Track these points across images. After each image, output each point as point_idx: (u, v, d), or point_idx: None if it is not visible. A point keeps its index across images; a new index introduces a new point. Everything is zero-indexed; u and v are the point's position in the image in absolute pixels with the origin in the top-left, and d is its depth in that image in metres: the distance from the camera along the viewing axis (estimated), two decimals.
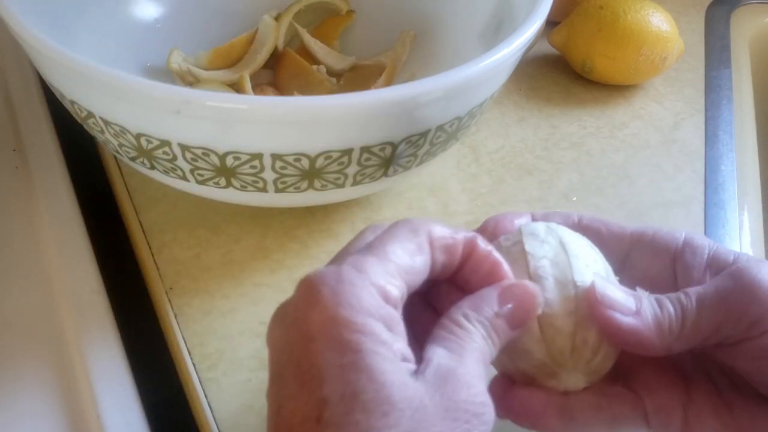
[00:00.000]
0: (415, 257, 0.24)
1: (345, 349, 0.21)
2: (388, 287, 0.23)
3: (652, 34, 0.51)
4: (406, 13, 0.51)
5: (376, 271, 0.23)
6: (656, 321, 0.26)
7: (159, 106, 0.31)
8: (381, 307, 0.22)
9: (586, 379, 0.27)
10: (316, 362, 0.21)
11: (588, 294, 0.26)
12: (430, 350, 0.23)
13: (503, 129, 0.51)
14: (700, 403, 0.27)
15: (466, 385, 0.22)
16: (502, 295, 0.25)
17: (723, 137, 0.51)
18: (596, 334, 0.26)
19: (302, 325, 0.22)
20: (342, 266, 0.22)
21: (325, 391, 0.21)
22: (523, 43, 0.35)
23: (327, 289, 0.22)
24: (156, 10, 0.50)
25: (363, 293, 0.22)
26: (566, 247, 0.27)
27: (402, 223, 0.25)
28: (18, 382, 0.33)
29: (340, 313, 0.21)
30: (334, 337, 0.21)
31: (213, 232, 0.41)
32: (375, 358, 0.21)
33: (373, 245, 0.24)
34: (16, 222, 0.41)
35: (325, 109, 0.31)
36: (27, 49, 0.34)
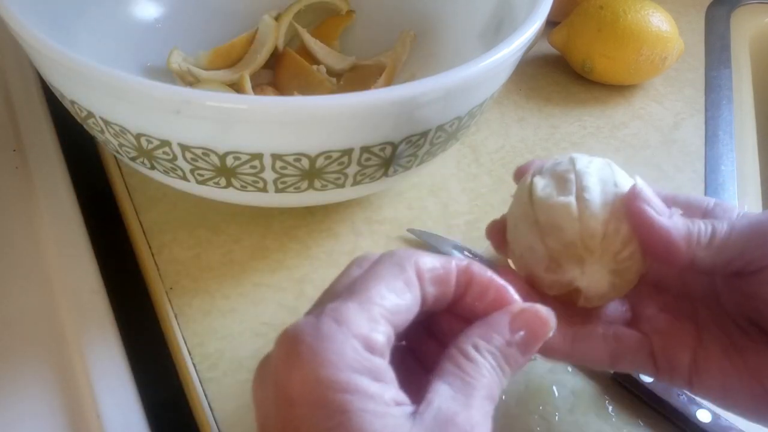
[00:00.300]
0: (403, 295, 0.23)
1: (331, 412, 0.20)
2: (372, 335, 0.21)
3: (652, 34, 0.51)
4: (406, 13, 0.51)
5: (358, 319, 0.21)
6: (686, 228, 0.27)
7: (159, 106, 0.31)
8: (365, 359, 0.21)
9: (609, 278, 0.27)
10: (302, 428, 0.20)
11: (629, 190, 0.27)
12: (433, 388, 0.22)
13: (503, 129, 0.51)
14: (710, 346, 0.27)
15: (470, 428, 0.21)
16: (514, 322, 0.24)
17: (723, 137, 0.51)
18: (628, 229, 0.27)
19: (283, 388, 0.20)
20: (321, 318, 0.21)
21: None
22: (523, 43, 0.35)
23: (305, 347, 0.20)
24: (156, 10, 0.50)
25: (345, 348, 0.20)
26: (611, 164, 0.29)
27: (386, 259, 0.23)
28: (18, 382, 0.33)
29: (322, 374, 0.20)
30: (318, 399, 0.20)
31: (213, 232, 0.41)
32: (364, 417, 0.20)
33: (355, 288, 0.22)
34: (16, 222, 0.41)
35: (325, 109, 0.31)
36: (27, 49, 0.34)
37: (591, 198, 0.27)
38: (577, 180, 0.27)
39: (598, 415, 0.33)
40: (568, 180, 0.28)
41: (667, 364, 0.28)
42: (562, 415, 0.33)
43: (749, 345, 0.27)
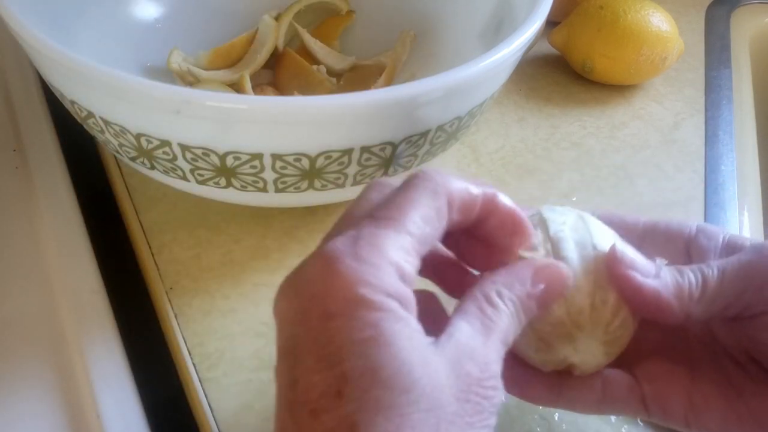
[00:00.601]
0: (433, 225, 0.23)
1: (365, 326, 0.21)
2: (405, 266, 0.22)
3: (652, 34, 0.51)
4: (406, 13, 0.51)
5: (394, 248, 0.22)
6: (676, 284, 0.26)
7: (159, 106, 0.31)
8: (398, 286, 0.22)
9: (603, 350, 0.26)
10: (336, 338, 0.21)
11: (608, 254, 0.26)
12: (455, 324, 0.23)
13: (503, 129, 0.51)
14: (706, 388, 0.27)
15: (482, 368, 0.22)
16: (536, 275, 0.25)
17: (723, 137, 0.51)
18: (615, 297, 0.26)
19: (321, 302, 0.21)
20: (359, 243, 0.22)
21: (345, 367, 0.20)
22: (523, 43, 0.35)
23: (345, 267, 0.21)
24: (156, 10, 0.50)
25: (381, 273, 0.21)
26: (584, 218, 0.27)
27: (421, 183, 0.24)
28: (18, 382, 0.33)
29: (360, 292, 0.21)
30: (354, 314, 0.21)
31: (213, 232, 0.41)
32: (395, 335, 0.21)
33: (390, 213, 0.23)
34: (16, 222, 0.41)
35: (325, 109, 0.31)
36: (27, 49, 0.34)
37: (570, 259, 0.26)
38: (554, 250, 0.26)
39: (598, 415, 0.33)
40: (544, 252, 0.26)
41: (660, 410, 0.27)
42: (562, 415, 0.33)
43: (749, 386, 0.26)
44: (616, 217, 0.29)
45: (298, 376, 0.21)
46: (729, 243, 0.28)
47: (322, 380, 0.20)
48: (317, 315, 0.21)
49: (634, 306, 0.26)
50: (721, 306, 0.26)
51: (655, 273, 0.26)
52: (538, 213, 0.28)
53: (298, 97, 0.32)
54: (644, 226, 0.29)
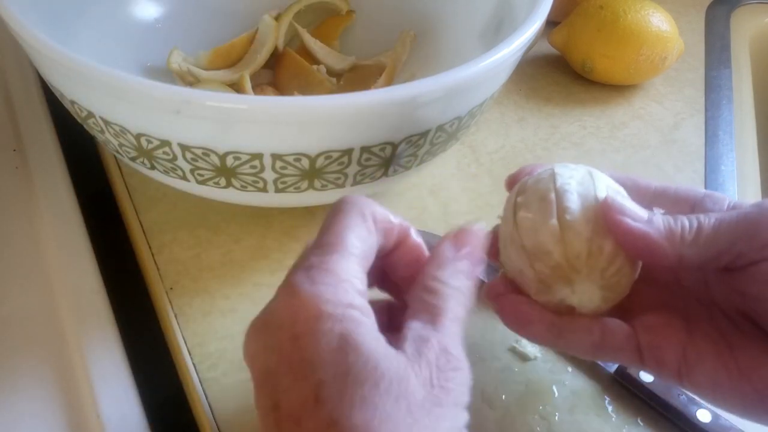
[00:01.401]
0: (367, 242, 0.26)
1: (331, 336, 0.22)
2: (355, 282, 0.24)
3: (652, 34, 0.51)
4: (406, 13, 0.51)
5: (342, 268, 0.24)
6: (668, 228, 0.27)
7: (159, 106, 0.31)
8: (354, 298, 0.24)
9: (600, 294, 0.27)
10: (307, 353, 0.22)
11: (602, 202, 0.27)
12: (406, 326, 0.25)
13: (503, 129, 0.51)
14: (700, 342, 0.27)
15: (444, 352, 0.24)
16: (455, 242, 0.27)
17: (723, 137, 0.51)
18: (612, 244, 0.27)
19: (289, 328, 0.23)
20: (311, 271, 0.24)
21: (319, 375, 0.22)
22: (523, 43, 0.35)
23: (305, 292, 0.23)
24: (156, 10, 0.50)
25: (337, 290, 0.23)
26: (593, 174, 0.29)
27: (349, 207, 0.26)
28: (18, 382, 0.33)
29: (322, 308, 0.23)
30: (319, 328, 0.23)
31: (213, 232, 0.41)
32: (360, 337, 0.23)
33: (330, 238, 0.25)
34: (16, 222, 0.41)
35: (325, 109, 0.31)
36: (27, 49, 0.34)
37: (572, 218, 0.27)
38: (558, 200, 0.27)
39: (598, 414, 0.33)
40: (549, 200, 0.28)
41: (654, 361, 0.28)
42: (562, 415, 0.33)
43: (740, 342, 0.27)
44: (630, 180, 0.30)
45: (279, 399, 0.23)
46: (734, 207, 0.28)
47: (300, 392, 0.22)
48: (287, 339, 0.23)
49: (626, 249, 0.27)
50: (715, 252, 0.26)
51: (647, 219, 0.27)
52: (550, 167, 0.29)
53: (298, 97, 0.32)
54: (655, 189, 0.30)
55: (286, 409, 0.22)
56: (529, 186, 0.29)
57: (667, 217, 0.27)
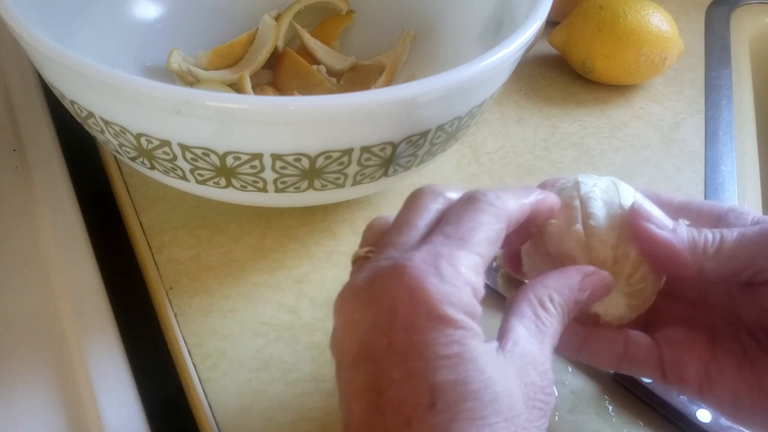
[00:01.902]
0: (495, 245, 0.25)
1: (452, 343, 0.22)
2: (477, 286, 0.24)
3: (652, 34, 0.51)
4: (406, 13, 0.51)
5: (468, 268, 0.24)
6: (692, 240, 0.27)
7: (159, 106, 0.31)
8: (474, 305, 0.23)
9: (625, 302, 0.27)
10: (425, 353, 0.22)
11: (629, 209, 0.27)
12: (513, 327, 0.24)
13: (503, 129, 0.51)
14: (723, 359, 0.27)
15: (543, 375, 0.24)
16: (584, 281, 0.26)
17: (723, 137, 0.51)
18: (637, 252, 0.27)
19: (406, 318, 0.22)
20: (440, 262, 0.23)
21: (436, 380, 0.22)
22: (523, 43, 0.35)
23: (431, 285, 0.23)
24: (156, 10, 0.50)
25: (461, 293, 0.23)
26: (617, 183, 0.29)
27: (487, 207, 0.25)
28: (18, 382, 0.33)
29: (446, 311, 0.22)
30: (440, 331, 0.22)
31: (213, 232, 0.41)
32: (477, 351, 0.22)
33: (462, 234, 0.24)
34: (16, 222, 0.41)
35: (325, 109, 0.31)
36: (27, 49, 0.34)
37: (597, 224, 0.27)
38: (582, 206, 0.28)
39: (598, 415, 0.33)
40: (574, 207, 0.28)
41: (676, 376, 0.28)
42: (562, 415, 0.33)
43: (763, 360, 0.27)
44: (652, 194, 0.31)
45: (384, 387, 0.22)
46: (759, 220, 0.28)
47: (413, 392, 0.22)
48: (402, 328, 0.22)
49: (650, 256, 0.27)
50: (737, 267, 0.27)
51: (672, 228, 0.27)
52: (574, 177, 0.29)
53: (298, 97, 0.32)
54: (679, 203, 0.30)
55: (394, 403, 0.22)
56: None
57: (692, 229, 0.27)
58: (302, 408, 0.33)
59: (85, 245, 0.40)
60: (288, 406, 0.34)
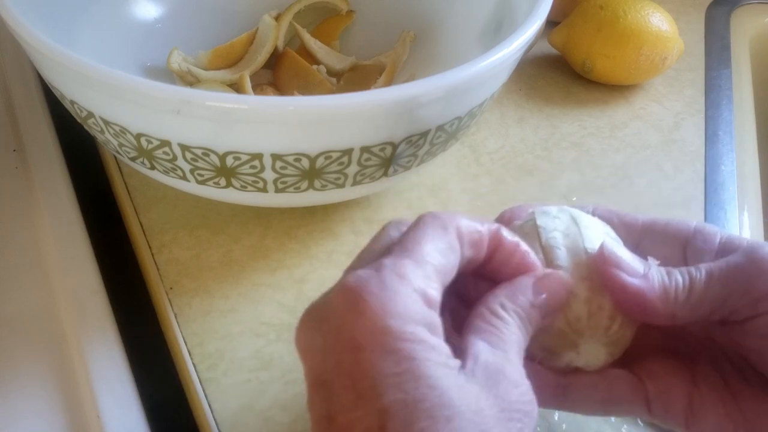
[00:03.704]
0: (448, 257, 0.24)
1: (399, 359, 0.21)
2: (429, 291, 0.23)
3: (652, 34, 0.51)
4: (406, 13, 0.51)
5: (417, 275, 0.22)
6: (662, 287, 0.26)
7: (159, 106, 0.31)
8: (425, 312, 0.22)
9: (606, 350, 0.27)
10: (370, 372, 0.21)
11: (596, 254, 0.26)
12: (472, 344, 0.23)
13: (503, 129, 0.51)
14: (705, 391, 0.27)
15: (515, 384, 0.22)
16: (537, 285, 0.25)
17: (723, 137, 0.51)
18: (611, 300, 0.26)
19: (349, 334, 0.21)
20: (383, 272, 0.22)
21: (385, 401, 0.20)
22: (523, 43, 0.35)
23: (373, 297, 0.21)
24: (156, 10, 0.50)
25: (408, 301, 0.22)
26: (577, 220, 0.28)
27: (431, 220, 0.24)
28: (18, 382, 0.33)
29: (390, 323, 0.21)
30: (385, 346, 0.21)
31: (213, 232, 0.41)
32: (429, 365, 0.21)
33: (406, 246, 0.23)
34: (16, 222, 0.41)
35: (325, 109, 0.31)
36: (27, 49, 0.34)
37: (563, 269, 0.26)
38: (546, 259, 0.26)
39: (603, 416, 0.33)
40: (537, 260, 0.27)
41: (662, 410, 0.27)
42: (561, 416, 0.33)
43: (745, 391, 0.26)
44: (615, 215, 0.29)
45: (335, 413, 0.21)
46: (725, 245, 0.27)
47: (362, 417, 0.20)
48: (347, 348, 0.21)
49: (620, 305, 0.26)
50: (708, 310, 0.26)
51: (643, 273, 0.26)
52: (531, 219, 0.28)
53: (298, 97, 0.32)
54: (643, 225, 0.29)
55: (344, 429, 0.21)
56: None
57: (662, 271, 0.26)
58: (302, 408, 0.33)
59: (85, 245, 0.40)
60: (288, 406, 0.34)
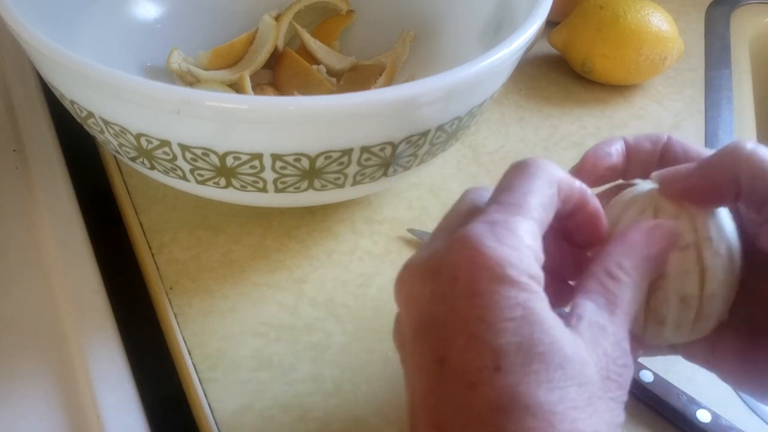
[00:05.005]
0: (549, 211, 0.24)
1: (515, 305, 0.21)
2: (537, 247, 0.23)
3: (652, 34, 0.51)
4: (406, 13, 0.51)
5: (527, 232, 0.23)
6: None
7: (159, 106, 0.31)
8: (537, 268, 0.23)
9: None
10: (487, 316, 0.21)
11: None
12: (578, 305, 0.23)
13: (503, 129, 0.51)
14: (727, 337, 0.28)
15: (616, 345, 0.23)
16: (649, 236, 0.25)
17: (723, 137, 0.51)
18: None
19: (466, 282, 0.22)
20: (496, 228, 0.23)
21: (500, 343, 0.21)
22: (523, 43, 0.35)
23: (490, 249, 0.22)
24: (156, 10, 0.50)
25: (522, 255, 0.22)
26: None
27: (536, 171, 0.25)
28: (18, 382, 0.33)
29: (508, 272, 0.22)
30: (503, 293, 0.21)
31: (213, 232, 0.41)
32: (543, 313, 0.21)
33: (514, 198, 0.24)
34: (16, 222, 0.41)
35: (325, 109, 0.31)
36: (27, 49, 0.34)
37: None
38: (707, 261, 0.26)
39: None
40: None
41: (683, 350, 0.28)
42: None
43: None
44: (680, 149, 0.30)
45: (448, 354, 0.22)
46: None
47: (477, 356, 0.21)
48: (463, 294, 0.22)
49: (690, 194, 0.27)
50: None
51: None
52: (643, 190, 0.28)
53: (298, 97, 0.32)
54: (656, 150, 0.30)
55: (458, 369, 0.21)
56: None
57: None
58: (302, 408, 0.34)
59: (85, 245, 0.40)
60: (288, 406, 0.34)
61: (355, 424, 0.33)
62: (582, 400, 0.21)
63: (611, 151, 0.30)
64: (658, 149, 0.30)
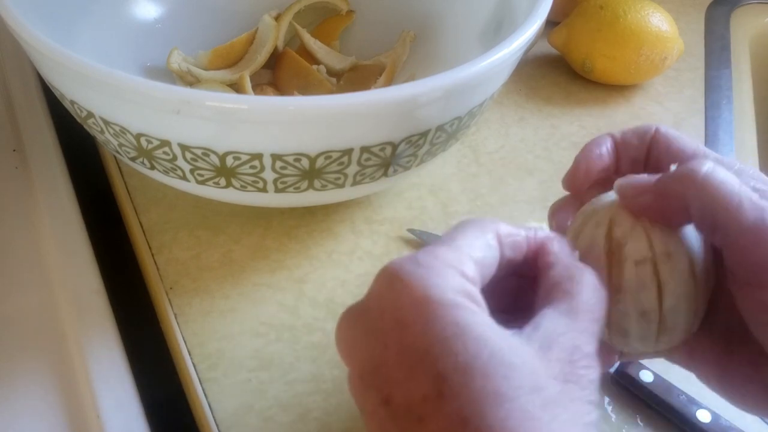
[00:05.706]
0: (484, 251, 0.24)
1: (445, 325, 0.21)
2: (465, 268, 0.22)
3: (652, 34, 0.51)
4: (406, 13, 0.51)
5: (451, 256, 0.22)
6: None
7: (159, 106, 0.31)
8: (463, 284, 0.22)
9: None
10: (419, 344, 0.21)
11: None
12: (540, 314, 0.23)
13: (503, 129, 0.51)
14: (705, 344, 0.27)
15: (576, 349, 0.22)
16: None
17: (723, 137, 0.51)
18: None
19: (393, 313, 0.21)
20: (417, 255, 0.22)
21: (438, 367, 0.20)
22: (523, 43, 0.35)
23: (410, 274, 0.22)
24: (156, 10, 0.50)
25: (446, 273, 0.22)
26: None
27: (468, 223, 0.25)
28: (18, 382, 0.33)
29: (430, 293, 0.21)
30: (429, 316, 0.21)
31: (213, 232, 0.41)
32: (476, 326, 0.21)
33: (442, 240, 0.23)
34: (16, 222, 0.41)
35: (325, 109, 0.31)
36: (27, 49, 0.34)
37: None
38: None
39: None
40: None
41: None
42: None
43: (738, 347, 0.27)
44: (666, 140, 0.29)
45: (391, 392, 0.21)
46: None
47: (418, 386, 0.20)
48: (391, 328, 0.21)
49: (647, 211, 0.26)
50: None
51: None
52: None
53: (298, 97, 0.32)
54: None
55: (402, 405, 0.21)
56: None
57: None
58: (302, 408, 0.34)
59: (85, 245, 0.40)
60: (288, 406, 0.34)
61: (355, 424, 0.33)
62: (536, 406, 0.20)
63: (602, 152, 0.29)
64: (645, 144, 0.29)
